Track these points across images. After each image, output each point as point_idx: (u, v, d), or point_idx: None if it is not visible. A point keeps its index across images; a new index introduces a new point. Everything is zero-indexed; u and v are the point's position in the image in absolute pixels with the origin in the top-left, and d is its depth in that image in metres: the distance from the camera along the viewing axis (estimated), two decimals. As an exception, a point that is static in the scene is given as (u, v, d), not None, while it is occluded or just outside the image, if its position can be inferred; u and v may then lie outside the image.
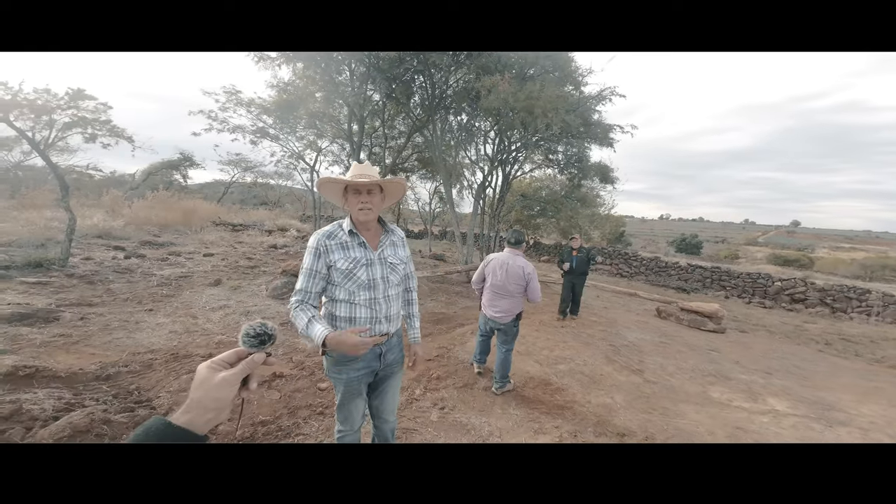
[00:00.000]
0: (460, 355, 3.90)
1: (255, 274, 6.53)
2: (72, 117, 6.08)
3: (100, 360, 2.94)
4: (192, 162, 18.31)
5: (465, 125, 8.46)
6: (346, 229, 1.48)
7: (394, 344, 1.61)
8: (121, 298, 4.67)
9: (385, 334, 1.55)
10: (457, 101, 7.67)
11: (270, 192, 21.88)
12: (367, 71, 6.85)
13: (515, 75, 6.79)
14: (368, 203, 1.45)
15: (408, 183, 1.86)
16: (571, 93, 7.35)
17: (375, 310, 1.50)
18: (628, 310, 8.20)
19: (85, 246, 7.05)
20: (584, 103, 7.36)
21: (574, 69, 7.33)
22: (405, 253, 1.64)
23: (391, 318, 1.56)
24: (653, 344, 5.24)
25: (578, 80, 7.48)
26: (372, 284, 1.49)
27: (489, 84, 6.19)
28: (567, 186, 10.19)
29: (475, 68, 6.88)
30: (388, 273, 1.53)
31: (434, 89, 7.58)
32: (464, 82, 7.45)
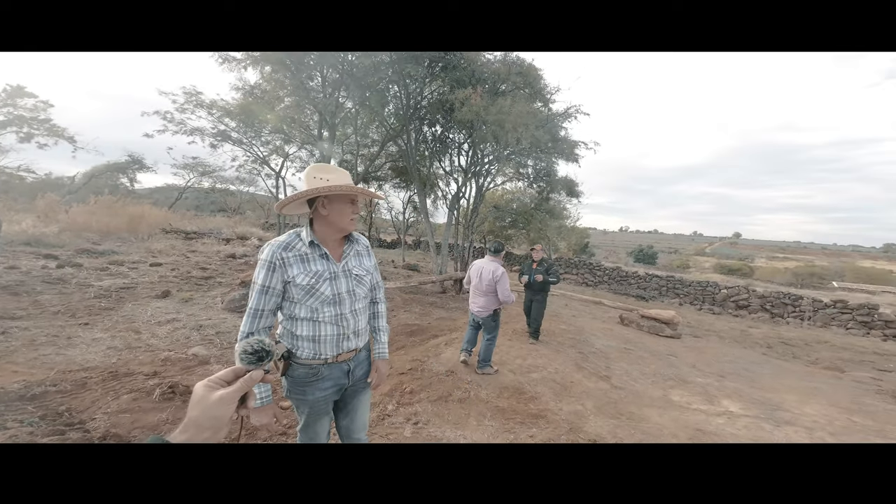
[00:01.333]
0: (434, 367, 3.80)
1: (210, 285, 6.09)
2: (6, 115, 5.44)
3: (24, 379, 2.56)
4: (141, 165, 17.01)
5: (440, 136, 8.56)
6: (307, 240, 1.33)
7: (362, 359, 1.50)
8: (50, 311, 4.17)
9: (353, 350, 1.43)
10: (431, 112, 7.76)
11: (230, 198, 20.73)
12: (341, 77, 6.75)
13: (488, 90, 6.98)
14: (357, 213, 1.37)
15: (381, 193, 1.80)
16: (541, 109, 7.68)
17: (343, 326, 1.38)
18: (594, 317, 8.49)
19: (10, 254, 6.29)
20: (552, 120, 7.69)
21: (543, 86, 7.66)
22: (371, 262, 1.53)
23: (359, 332, 1.45)
24: (618, 350, 5.43)
25: (547, 98, 7.82)
26: (337, 300, 1.36)
27: (462, 97, 6.32)
28: (536, 199, 10.53)
29: (450, 81, 7.01)
30: (355, 286, 1.42)
31: (409, 99, 7.64)
32: (438, 94, 7.57)
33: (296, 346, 1.36)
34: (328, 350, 1.36)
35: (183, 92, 8.56)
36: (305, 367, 1.35)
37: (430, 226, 9.78)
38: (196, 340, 3.99)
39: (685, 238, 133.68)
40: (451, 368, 3.78)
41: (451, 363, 3.95)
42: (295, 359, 1.36)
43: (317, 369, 1.36)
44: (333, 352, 1.37)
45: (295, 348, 1.36)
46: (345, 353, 1.40)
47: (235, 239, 11.39)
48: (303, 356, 1.35)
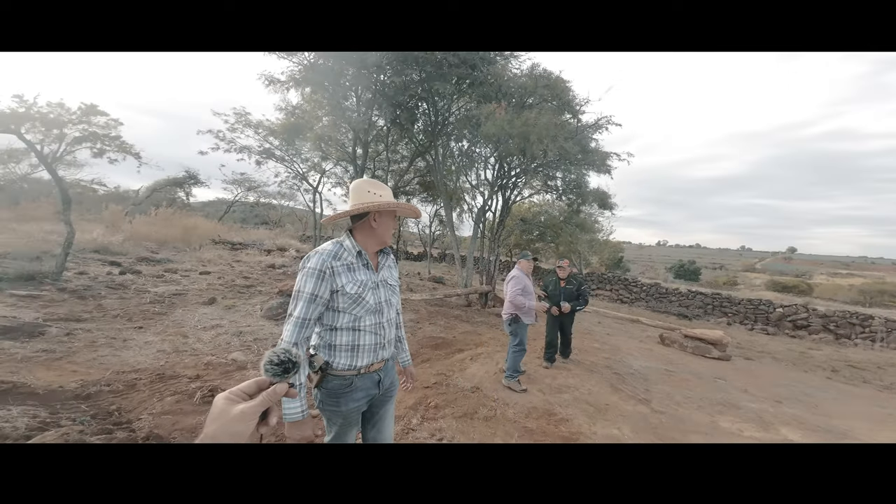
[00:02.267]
0: (460, 382, 3.75)
1: (251, 293, 6.42)
2: (82, 132, 6.18)
3: (81, 378, 2.80)
4: (196, 180, 18.52)
5: (466, 151, 8.67)
6: (354, 250, 1.38)
7: (390, 368, 1.53)
8: (111, 315, 4.56)
9: (384, 360, 1.48)
10: (458, 127, 7.90)
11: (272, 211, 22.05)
12: (373, 97, 7.07)
13: (514, 104, 7.00)
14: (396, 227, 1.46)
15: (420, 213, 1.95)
16: (569, 121, 7.57)
17: (380, 335, 1.42)
18: (631, 336, 8.07)
19: (81, 260, 6.98)
20: (581, 131, 7.56)
21: (571, 98, 7.58)
22: (398, 274, 1.63)
23: (392, 341, 1.51)
24: (658, 372, 5.12)
25: (576, 109, 7.71)
26: (378, 308, 1.41)
27: (487, 111, 6.38)
28: (566, 212, 10.29)
29: (476, 97, 7.11)
30: (390, 295, 1.49)
31: (437, 116, 7.82)
32: (465, 110, 7.68)
33: (332, 357, 1.36)
34: (364, 359, 1.39)
35: (233, 112, 9.35)
36: (339, 379, 1.36)
37: (456, 239, 9.83)
38: (236, 346, 4.20)
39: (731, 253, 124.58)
40: (477, 385, 3.72)
41: (477, 379, 3.89)
42: (330, 370, 1.37)
43: (350, 380, 1.37)
44: (369, 361, 1.40)
45: (331, 359, 1.36)
46: (377, 362, 1.43)
47: (275, 250, 12.03)
48: (338, 367, 1.36)
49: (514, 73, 7.40)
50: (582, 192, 9.13)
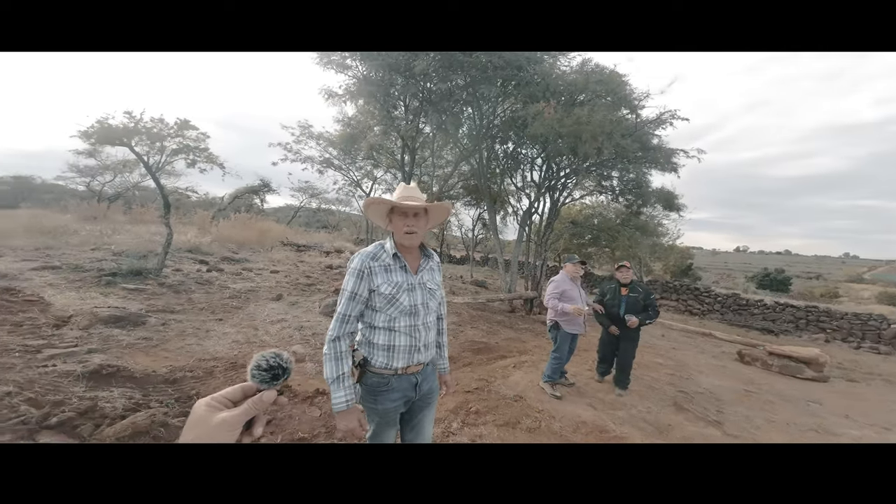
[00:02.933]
0: (502, 390, 3.70)
1: (312, 291, 6.96)
2: (178, 144, 7.14)
3: (171, 364, 3.27)
4: (269, 188, 20.59)
5: (512, 153, 8.51)
6: (391, 252, 1.43)
7: (428, 373, 1.54)
8: (198, 307, 5.22)
9: (421, 363, 1.48)
10: (504, 129, 7.79)
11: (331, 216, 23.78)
12: (420, 104, 7.29)
13: (564, 102, 6.74)
14: (414, 226, 1.41)
15: (452, 208, 1.86)
16: (626, 117, 7.10)
17: (415, 338, 1.43)
18: (701, 351, 7.31)
19: (177, 259, 8.06)
20: (641, 127, 7.02)
21: (628, 93, 7.09)
22: (440, 278, 1.60)
23: (428, 345, 1.50)
24: (734, 392, 4.60)
25: (634, 104, 7.20)
26: (413, 311, 1.43)
27: (534, 111, 6.21)
28: (623, 214, 9.61)
29: (522, 97, 6.96)
30: (428, 298, 1.48)
31: (482, 119, 7.80)
32: (511, 111, 7.55)
33: (371, 355, 1.43)
34: (399, 360, 1.42)
35: (298, 125, 10.28)
36: (377, 377, 1.43)
37: (500, 242, 9.67)
38: (297, 339, 4.58)
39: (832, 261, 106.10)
40: (520, 393, 3.63)
41: (521, 387, 3.80)
42: (369, 367, 1.44)
43: (387, 379, 1.43)
44: (404, 363, 1.43)
45: (370, 356, 1.44)
46: (413, 365, 1.45)
47: (333, 252, 12.92)
48: (376, 365, 1.43)
49: (563, 70, 7.12)
50: (643, 192, 8.46)
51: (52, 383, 2.46)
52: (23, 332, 3.31)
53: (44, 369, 2.64)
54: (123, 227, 10.93)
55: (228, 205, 19.15)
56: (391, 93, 7.06)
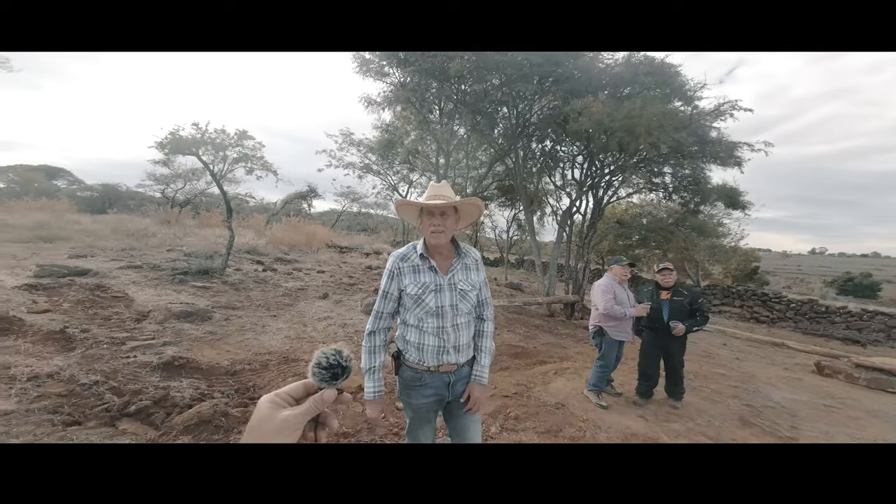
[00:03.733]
0: (542, 396, 3.59)
1: (354, 291, 7.25)
2: (238, 153, 7.81)
3: (232, 357, 3.57)
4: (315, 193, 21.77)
5: (550, 151, 8.23)
6: (419, 252, 1.44)
7: (465, 374, 1.50)
8: (255, 304, 5.66)
9: (453, 364, 1.45)
10: (541, 127, 7.57)
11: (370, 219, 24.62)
12: (455, 107, 7.31)
13: (608, 96, 6.41)
14: (441, 226, 1.39)
15: (484, 209, 1.79)
16: (681, 109, 6.60)
17: (443, 339, 1.42)
18: (771, 363, 6.63)
19: (237, 259, 8.79)
20: (697, 120, 6.48)
21: (682, 83, 6.59)
22: (479, 277, 1.51)
23: (460, 347, 1.46)
24: (812, 407, 4.17)
25: (689, 96, 6.69)
26: (440, 312, 1.41)
27: (580, 106, 5.96)
28: (678, 213, 8.91)
29: (562, 93, 6.71)
30: (458, 300, 1.43)
31: (518, 119, 7.64)
32: (549, 109, 7.32)
33: (405, 350, 1.48)
34: (430, 359, 1.43)
35: (341, 133, 10.81)
36: (412, 371, 1.46)
37: (537, 244, 9.37)
38: (341, 336, 4.80)
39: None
40: (562, 401, 3.51)
41: (563, 395, 3.66)
42: (404, 360, 1.48)
43: (421, 374, 1.44)
44: (434, 362, 1.43)
45: (405, 351, 1.48)
46: (445, 364, 1.44)
47: (372, 253, 13.37)
48: (410, 359, 1.46)
49: (607, 62, 6.76)
50: (701, 188, 7.79)
51: (133, 373, 2.79)
52: (111, 326, 3.78)
53: (126, 360, 3.00)
54: (193, 231, 12.14)
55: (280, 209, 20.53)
56: (427, 97, 7.16)
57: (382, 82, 7.44)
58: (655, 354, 3.68)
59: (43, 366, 2.57)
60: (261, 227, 13.83)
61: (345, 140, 10.88)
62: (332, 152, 11.11)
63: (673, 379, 3.66)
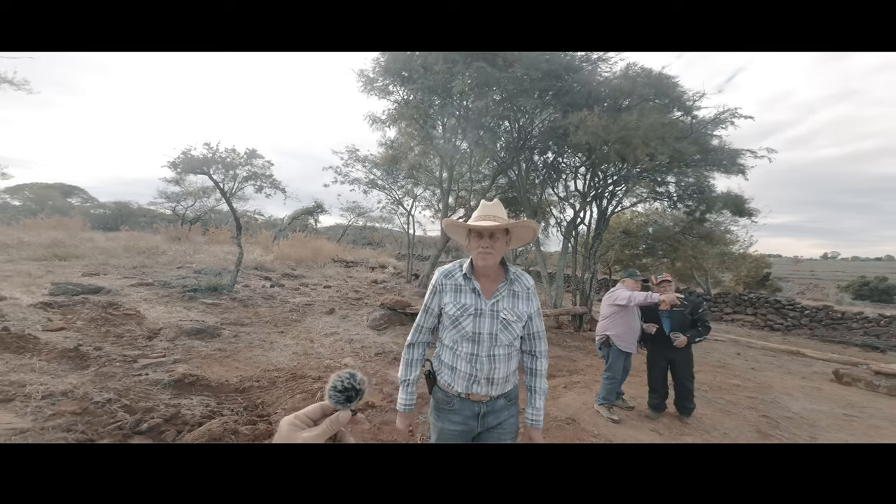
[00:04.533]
0: (552, 411, 3.54)
1: (360, 305, 7.27)
2: (248, 172, 8.01)
3: (240, 374, 3.59)
4: (322, 209, 22.10)
5: (552, 163, 8.31)
6: (464, 271, 1.37)
7: (499, 407, 1.38)
8: (263, 320, 5.70)
9: (485, 396, 1.35)
10: (542, 140, 7.66)
11: (375, 233, 24.83)
12: (457, 122, 7.46)
13: (607, 108, 6.50)
14: (490, 248, 1.31)
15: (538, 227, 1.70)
16: (680, 119, 6.67)
17: (476, 367, 1.32)
18: (788, 371, 6.47)
19: (246, 275, 8.90)
20: (697, 129, 6.53)
21: (680, 94, 6.68)
22: (528, 308, 1.37)
23: (494, 381, 1.34)
24: (831, 416, 4.08)
25: (688, 105, 6.76)
26: (477, 338, 1.31)
27: (577, 120, 6.05)
28: (683, 221, 8.87)
29: (562, 106, 6.81)
30: (499, 330, 1.32)
31: (520, 132, 7.74)
32: (549, 121, 7.42)
33: (439, 370, 1.41)
34: (459, 385, 1.35)
35: (346, 150, 11.07)
36: (443, 393, 1.39)
37: (542, 255, 9.36)
38: (348, 352, 4.80)
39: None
40: (572, 416, 3.46)
41: (573, 410, 3.61)
42: (438, 382, 1.42)
43: (451, 399, 1.37)
44: (464, 389, 1.35)
45: (438, 371, 1.42)
46: (475, 394, 1.35)
47: (378, 267, 13.43)
48: (442, 382, 1.40)
49: (605, 76, 6.89)
50: (706, 196, 7.78)
51: (145, 391, 2.82)
52: (123, 343, 3.84)
53: (138, 377, 3.03)
54: (202, 247, 12.34)
55: (287, 225, 20.83)
56: (430, 113, 7.33)
57: (386, 100, 7.66)
58: (661, 366, 3.62)
59: (57, 384, 2.61)
60: (269, 243, 14.02)
61: (350, 156, 11.13)
62: (338, 168, 11.35)
63: (681, 393, 3.57)
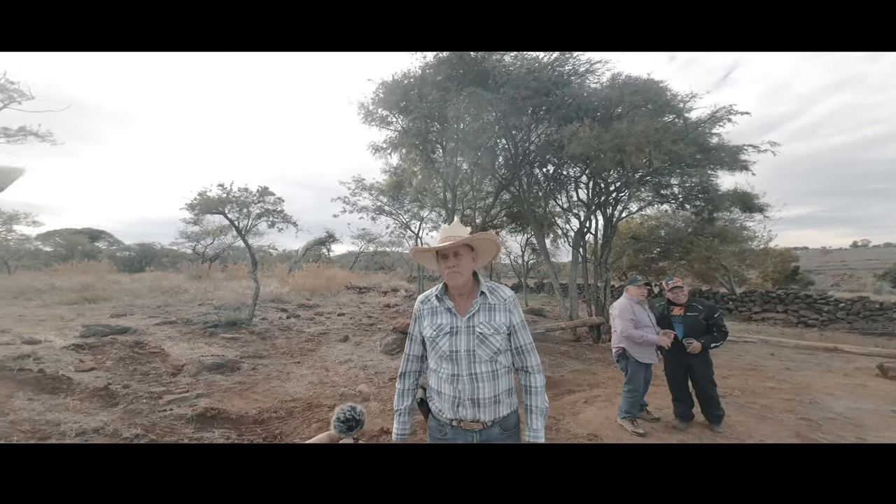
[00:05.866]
0: (573, 428, 3.45)
1: (373, 331, 7.32)
2: (260, 209, 8.39)
3: (259, 406, 3.66)
4: (333, 238, 22.65)
5: (553, 175, 8.41)
6: (437, 293, 1.40)
7: (494, 436, 1.31)
8: (280, 352, 5.81)
9: (474, 421, 1.29)
10: (540, 154, 7.79)
11: (386, 258, 25.23)
12: (456, 145, 7.69)
13: (601, 117, 6.61)
14: (456, 266, 1.33)
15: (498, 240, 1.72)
16: (674, 122, 6.72)
17: (456, 388, 1.30)
18: (827, 369, 6.12)
19: (263, 308, 9.11)
20: (692, 130, 6.55)
21: (671, 98, 6.78)
22: (506, 319, 1.34)
23: (480, 402, 1.29)
24: (879, 415, 3.85)
25: (679, 108, 6.83)
26: (454, 357, 1.30)
27: (569, 133, 6.18)
28: (694, 222, 8.74)
29: (555, 120, 6.97)
30: (475, 345, 1.30)
31: (517, 148, 7.93)
32: (545, 135, 7.57)
33: (430, 397, 1.42)
34: (447, 410, 1.33)
35: (353, 180, 11.50)
36: (436, 422, 1.38)
37: (553, 267, 9.30)
38: (362, 378, 4.82)
39: None
40: (594, 432, 3.37)
41: (594, 425, 3.51)
42: (431, 409, 1.41)
43: (444, 428, 1.35)
44: (451, 414, 1.32)
45: (429, 398, 1.42)
46: (468, 421, 1.30)
47: (390, 291, 13.54)
48: (433, 409, 1.39)
49: (594, 87, 7.05)
50: (711, 196, 7.69)
51: (170, 426, 2.92)
52: (149, 381, 3.99)
53: (163, 413, 3.15)
54: (222, 284, 12.75)
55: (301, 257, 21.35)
56: (429, 139, 7.59)
57: (387, 129, 7.99)
58: (678, 373, 3.50)
59: (89, 421, 2.74)
60: (284, 275, 14.38)
61: (357, 186, 11.56)
62: (346, 198, 11.78)
63: (705, 400, 3.42)
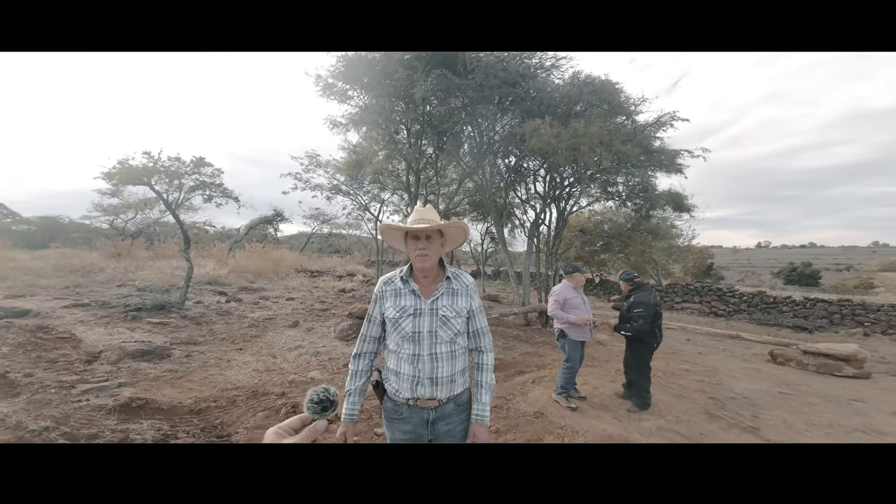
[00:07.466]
0: (521, 406, 3.65)
1: (327, 316, 7.05)
2: (195, 181, 7.52)
3: (195, 395, 3.35)
4: (282, 217, 21.18)
5: (514, 167, 8.63)
6: (402, 275, 1.42)
7: (449, 413, 1.39)
8: (219, 338, 5.36)
9: (431, 399, 1.35)
10: (504, 145, 7.93)
11: (342, 241, 24.25)
12: (421, 128, 7.52)
13: (561, 114, 6.86)
14: (426, 249, 1.36)
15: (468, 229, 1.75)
16: (624, 123, 7.20)
17: (417, 368, 1.35)
18: (731, 355, 7.08)
19: (198, 291, 8.29)
20: (640, 132, 7.09)
21: (623, 100, 7.23)
22: (467, 303, 1.43)
23: (438, 381, 1.35)
24: (770, 395, 4.48)
25: (630, 111, 7.32)
26: (416, 337, 1.35)
27: (531, 129, 6.35)
28: (633, 219, 9.54)
29: (520, 112, 7.09)
30: (438, 327, 1.36)
31: (482, 137, 7.98)
32: (510, 127, 7.71)
33: (387, 378, 1.43)
34: (405, 389, 1.37)
35: (306, 155, 10.70)
36: (392, 402, 1.41)
37: (509, 255, 9.67)
38: (314, 365, 4.63)
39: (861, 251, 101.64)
40: (541, 410, 3.58)
41: (541, 404, 3.74)
42: (387, 391, 1.43)
43: (400, 408, 1.38)
44: (409, 393, 1.36)
45: (386, 380, 1.43)
46: (424, 399, 1.36)
47: (346, 276, 13.08)
48: (389, 389, 1.42)
49: (557, 83, 7.28)
50: (650, 195, 8.44)
51: (87, 417, 2.56)
52: (57, 369, 3.46)
53: (78, 404, 2.75)
54: (146, 263, 11.36)
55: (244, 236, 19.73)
56: (393, 118, 7.33)
57: (347, 105, 7.53)
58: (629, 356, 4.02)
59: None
60: (223, 255, 13.19)
61: (311, 162, 10.76)
62: (298, 175, 10.93)
63: (627, 383, 4.01)
